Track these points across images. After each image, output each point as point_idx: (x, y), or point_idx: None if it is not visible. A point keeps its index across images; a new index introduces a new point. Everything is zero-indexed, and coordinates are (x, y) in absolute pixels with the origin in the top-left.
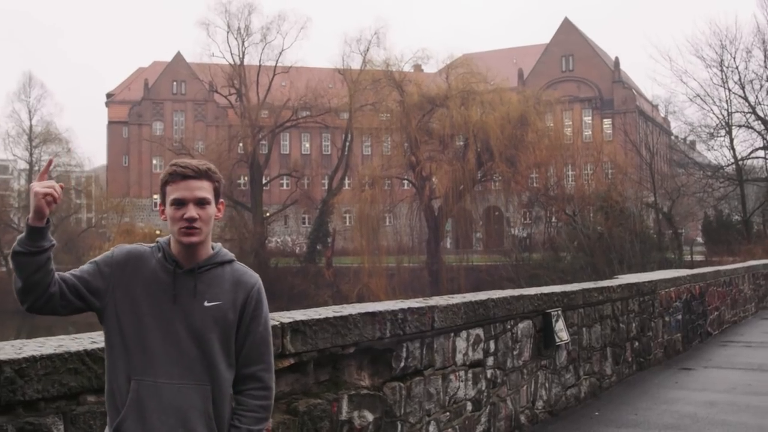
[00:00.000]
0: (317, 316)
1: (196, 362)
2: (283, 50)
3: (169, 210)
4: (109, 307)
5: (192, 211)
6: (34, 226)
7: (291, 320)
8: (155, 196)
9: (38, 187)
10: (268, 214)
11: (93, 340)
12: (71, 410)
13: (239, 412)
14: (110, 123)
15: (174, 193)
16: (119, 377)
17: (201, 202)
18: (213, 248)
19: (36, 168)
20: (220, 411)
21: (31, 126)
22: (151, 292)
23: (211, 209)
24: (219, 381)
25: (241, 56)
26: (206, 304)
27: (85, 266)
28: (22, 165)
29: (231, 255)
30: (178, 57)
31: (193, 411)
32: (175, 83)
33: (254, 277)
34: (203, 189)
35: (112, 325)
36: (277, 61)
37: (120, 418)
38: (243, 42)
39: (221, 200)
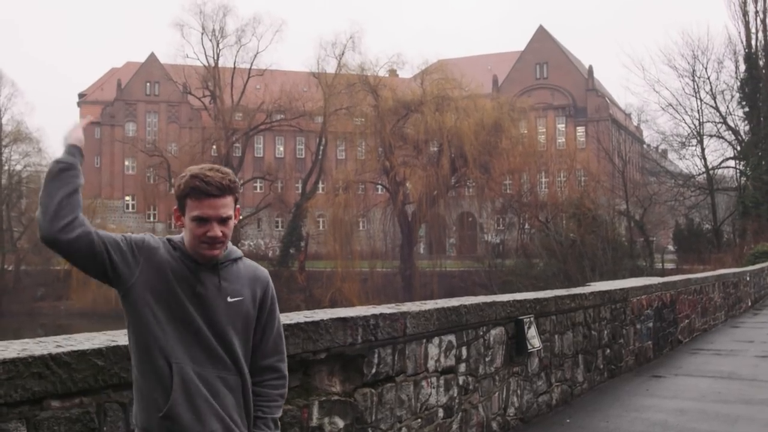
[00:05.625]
0: (288, 321)
1: (221, 358)
2: (258, 53)
3: (189, 224)
4: (138, 287)
5: (216, 230)
6: (77, 145)
7: None
8: (127, 198)
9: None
10: (241, 217)
11: (58, 344)
12: (34, 416)
13: (262, 403)
14: None
15: (195, 210)
16: (158, 358)
17: (224, 220)
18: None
19: (6, 167)
20: (247, 402)
21: (1, 125)
22: (177, 287)
23: (233, 223)
24: (243, 373)
25: (215, 58)
26: (229, 300)
27: (119, 236)
28: None
29: (240, 251)
30: (152, 58)
31: (229, 399)
32: (148, 84)
33: (266, 272)
34: (227, 206)
35: (143, 304)
36: (251, 64)
37: (171, 402)
38: (218, 44)
39: (237, 206)
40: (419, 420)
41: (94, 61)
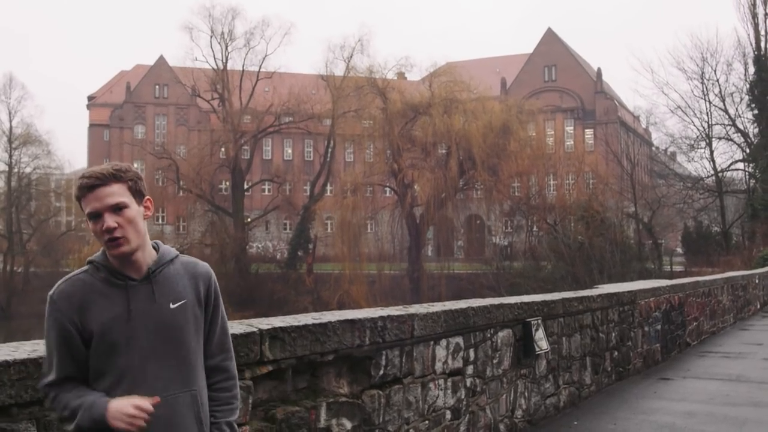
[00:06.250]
0: (296, 323)
1: (177, 369)
2: (266, 55)
3: (90, 226)
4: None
5: (109, 221)
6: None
7: (269, 327)
8: None
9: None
10: (249, 220)
11: None
12: (44, 416)
13: (214, 408)
14: (91, 126)
15: (87, 207)
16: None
17: (116, 209)
18: (156, 247)
19: (15, 170)
20: (206, 411)
21: (11, 127)
22: (112, 314)
23: (131, 211)
24: (200, 382)
25: (224, 61)
26: (172, 306)
27: (54, 342)
28: (1, 167)
29: (174, 250)
30: (161, 61)
31: (184, 419)
32: (157, 87)
33: (206, 265)
34: (115, 194)
35: (92, 360)
36: (260, 67)
37: None
38: (226, 46)
39: (147, 197)
40: (427, 422)
41: (104, 65)
